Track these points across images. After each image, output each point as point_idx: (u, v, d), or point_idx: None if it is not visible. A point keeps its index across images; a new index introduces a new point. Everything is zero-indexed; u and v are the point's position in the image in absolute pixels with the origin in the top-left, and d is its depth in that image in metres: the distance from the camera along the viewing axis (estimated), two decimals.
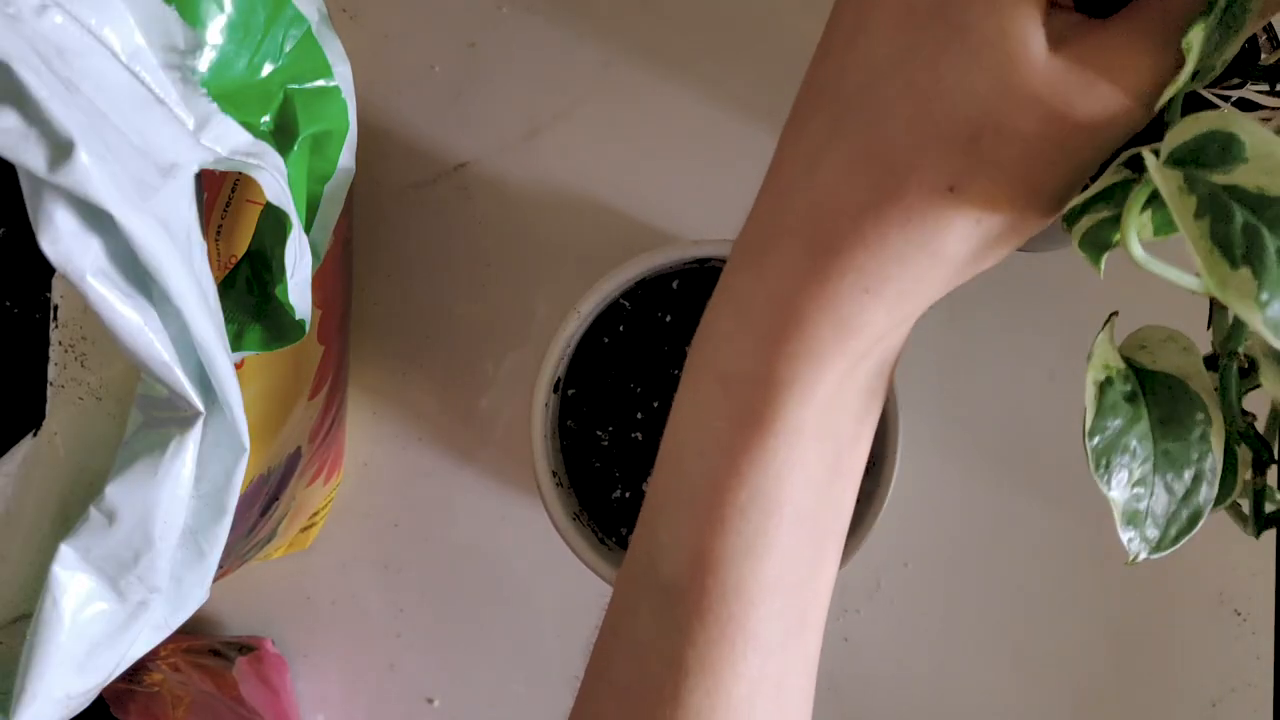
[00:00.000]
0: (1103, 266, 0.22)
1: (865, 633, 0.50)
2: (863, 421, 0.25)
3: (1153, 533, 0.24)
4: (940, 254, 0.23)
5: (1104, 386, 0.24)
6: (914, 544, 0.50)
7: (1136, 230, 0.21)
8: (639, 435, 0.46)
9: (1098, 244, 0.22)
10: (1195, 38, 0.21)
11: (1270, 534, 0.50)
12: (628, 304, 0.46)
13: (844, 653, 0.50)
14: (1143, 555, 0.24)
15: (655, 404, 0.46)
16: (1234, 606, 0.49)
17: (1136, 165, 0.22)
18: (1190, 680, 0.49)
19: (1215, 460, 0.24)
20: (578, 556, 0.43)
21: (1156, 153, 0.20)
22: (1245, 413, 0.24)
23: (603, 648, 0.28)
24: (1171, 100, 0.22)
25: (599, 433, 0.46)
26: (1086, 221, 0.22)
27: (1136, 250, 0.21)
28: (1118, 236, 0.21)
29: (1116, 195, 0.22)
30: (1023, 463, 0.50)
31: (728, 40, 0.50)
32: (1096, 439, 0.23)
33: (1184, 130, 0.20)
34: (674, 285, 0.46)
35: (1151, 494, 0.24)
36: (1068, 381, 0.50)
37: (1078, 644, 0.50)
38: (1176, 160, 0.20)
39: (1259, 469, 0.25)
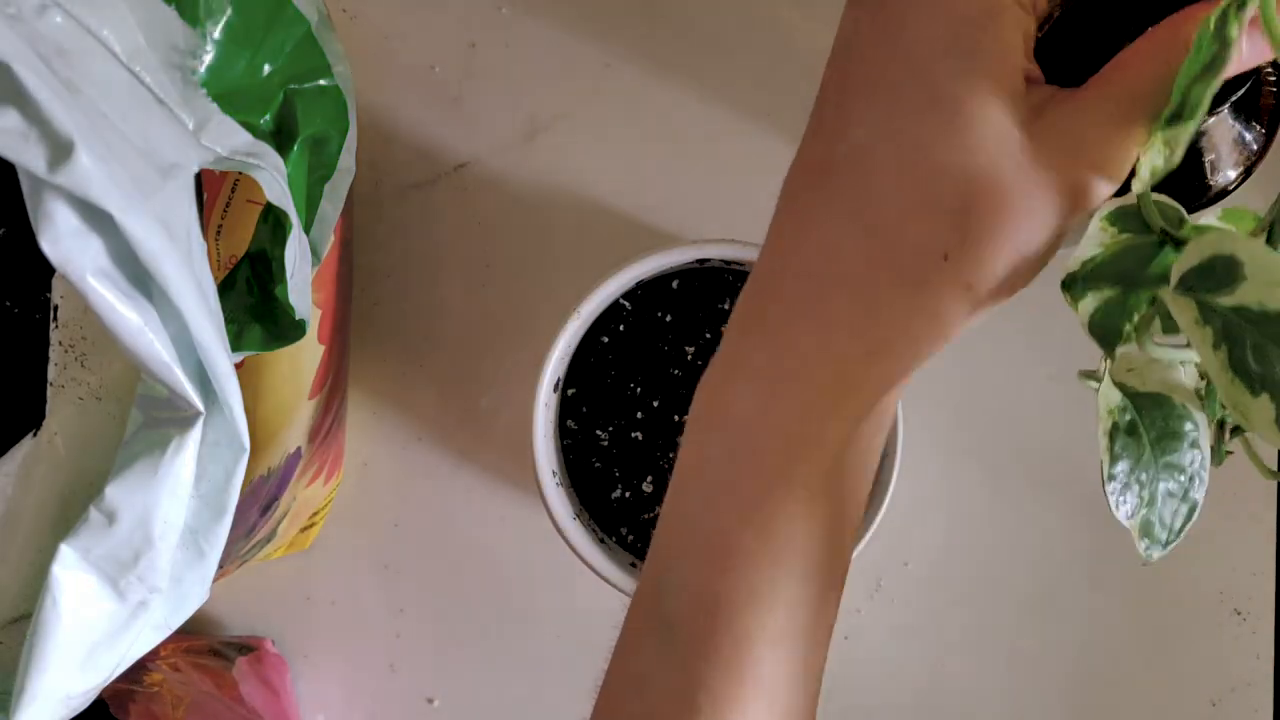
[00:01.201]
0: (1117, 356, 0.24)
1: (865, 632, 0.50)
2: (865, 471, 0.27)
3: (1161, 534, 0.26)
4: (937, 317, 0.24)
5: (1112, 434, 0.25)
6: (914, 544, 0.50)
7: (1149, 332, 0.23)
8: (639, 435, 0.46)
9: (1110, 334, 0.24)
10: (1178, 135, 0.22)
11: (1270, 534, 0.50)
12: (628, 304, 0.46)
13: (844, 652, 0.50)
14: (1155, 555, 0.26)
15: (655, 404, 0.46)
16: (1234, 606, 0.49)
17: (1124, 223, 0.24)
18: (1190, 680, 0.49)
19: (1205, 458, 0.26)
20: (578, 556, 0.43)
21: (1167, 276, 0.22)
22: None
23: (611, 685, 0.28)
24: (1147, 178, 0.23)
25: (599, 433, 0.46)
26: (1092, 300, 0.24)
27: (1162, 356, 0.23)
28: (1128, 327, 0.23)
29: (1114, 268, 0.23)
30: (1023, 463, 0.50)
31: (728, 40, 0.50)
32: (1113, 483, 0.25)
33: (1190, 256, 0.21)
34: (674, 285, 0.46)
35: (1159, 505, 0.26)
36: (1067, 382, 0.50)
37: (1078, 643, 0.50)
38: (1187, 285, 0.21)
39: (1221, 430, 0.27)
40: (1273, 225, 0.23)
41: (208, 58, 0.29)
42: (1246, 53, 0.23)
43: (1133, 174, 0.24)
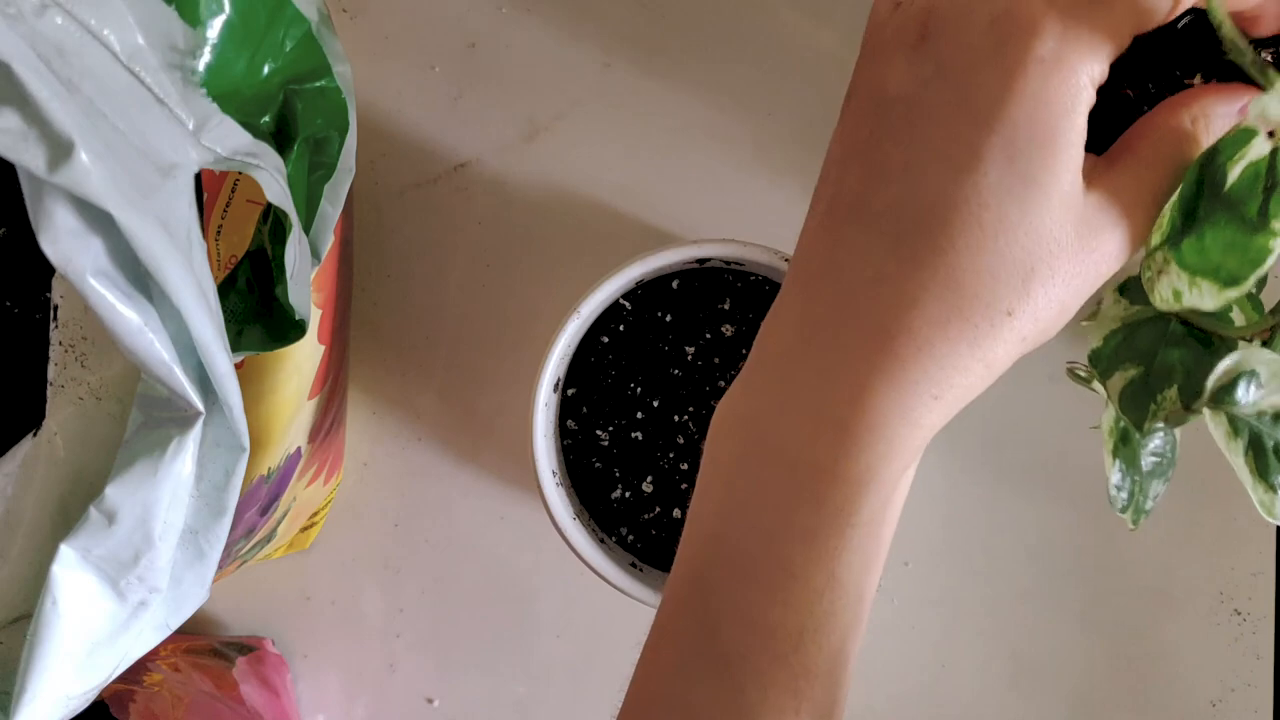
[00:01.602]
0: (1147, 429, 0.27)
1: (866, 633, 0.50)
2: (902, 500, 0.29)
3: (1146, 505, 0.30)
4: (993, 364, 0.27)
5: (1115, 450, 0.28)
6: (914, 544, 0.50)
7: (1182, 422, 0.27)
8: (639, 435, 0.46)
9: (1140, 414, 0.27)
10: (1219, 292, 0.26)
11: (1270, 534, 0.50)
12: (628, 304, 0.46)
13: None
14: (1140, 522, 0.30)
15: (655, 404, 0.46)
16: (1234, 606, 0.49)
17: (1133, 295, 0.28)
18: (1190, 680, 0.49)
19: (1175, 440, 0.30)
20: (578, 556, 0.43)
21: (1182, 356, 0.26)
22: None
23: (652, 708, 0.29)
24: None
25: (599, 433, 0.46)
26: (1119, 380, 0.27)
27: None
28: (1155, 406, 0.27)
29: (1134, 347, 0.27)
30: (1023, 463, 0.50)
31: (727, 40, 0.50)
32: (1118, 491, 0.29)
33: (1221, 375, 0.25)
34: (674, 285, 0.46)
35: (1144, 488, 0.29)
36: (1067, 383, 0.49)
37: (1078, 643, 0.50)
38: (1218, 399, 0.25)
39: None
40: (1273, 329, 0.26)
41: (208, 58, 0.29)
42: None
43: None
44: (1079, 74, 0.25)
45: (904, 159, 0.26)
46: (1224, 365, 0.25)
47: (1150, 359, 0.27)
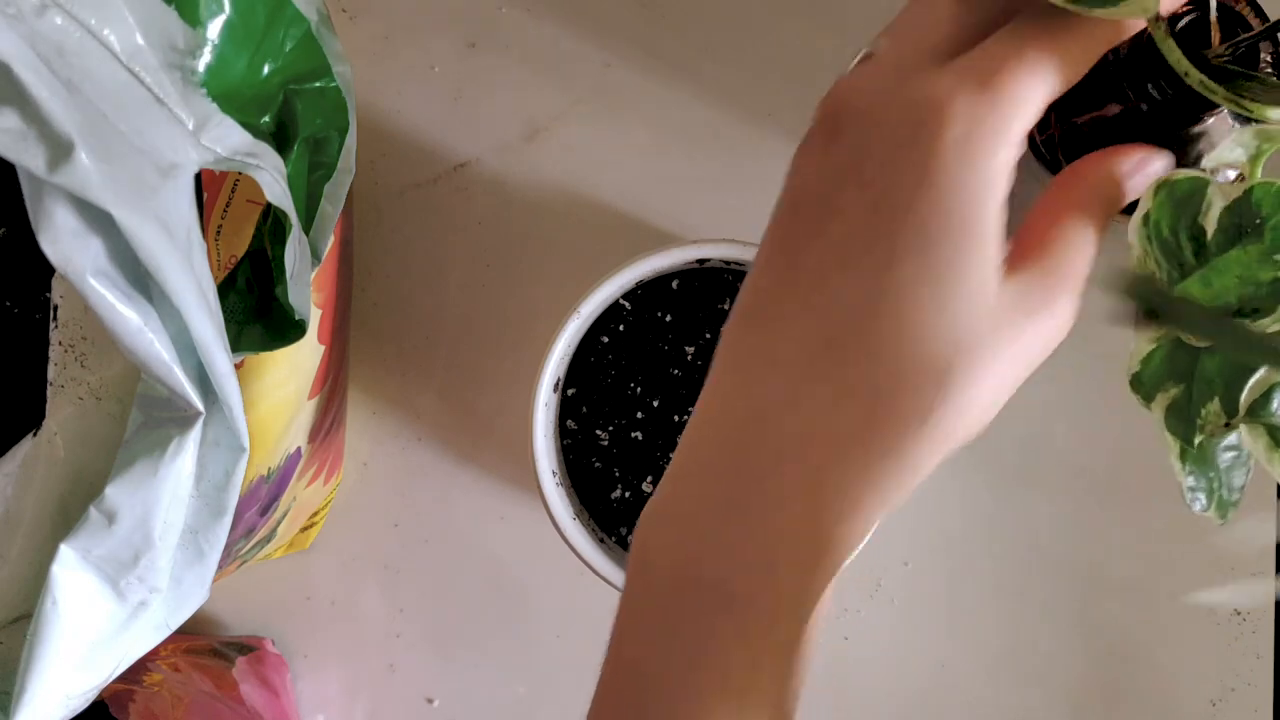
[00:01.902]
0: (1196, 443, 0.27)
1: (865, 632, 0.50)
2: (825, 613, 0.27)
3: (1231, 498, 0.29)
4: (916, 467, 0.25)
5: (1183, 455, 0.28)
6: (914, 544, 0.50)
7: (1222, 438, 0.27)
8: (639, 435, 0.46)
9: (1186, 425, 0.27)
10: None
11: (1270, 534, 0.50)
12: (627, 304, 0.46)
13: (844, 652, 0.50)
14: (1229, 516, 0.30)
15: (655, 404, 0.46)
16: (1234, 606, 0.49)
17: (1149, 314, 0.28)
18: (1190, 680, 0.49)
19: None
20: (578, 556, 0.43)
21: (1236, 404, 0.26)
22: None
23: None
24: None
25: (599, 433, 0.46)
26: (1162, 400, 0.27)
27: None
28: (1201, 420, 0.27)
29: (1171, 369, 0.28)
30: (1022, 462, 0.50)
31: (728, 40, 0.50)
32: (1192, 493, 0.29)
33: (1253, 391, 0.26)
34: (674, 285, 0.46)
35: (1224, 481, 0.29)
36: (1067, 382, 0.50)
37: (1077, 643, 0.50)
38: (1254, 413, 0.26)
39: None
40: None
41: (207, 58, 0.29)
42: None
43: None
44: (992, 161, 0.24)
45: (817, 263, 0.26)
46: (1254, 379, 0.25)
47: (1189, 375, 0.27)
